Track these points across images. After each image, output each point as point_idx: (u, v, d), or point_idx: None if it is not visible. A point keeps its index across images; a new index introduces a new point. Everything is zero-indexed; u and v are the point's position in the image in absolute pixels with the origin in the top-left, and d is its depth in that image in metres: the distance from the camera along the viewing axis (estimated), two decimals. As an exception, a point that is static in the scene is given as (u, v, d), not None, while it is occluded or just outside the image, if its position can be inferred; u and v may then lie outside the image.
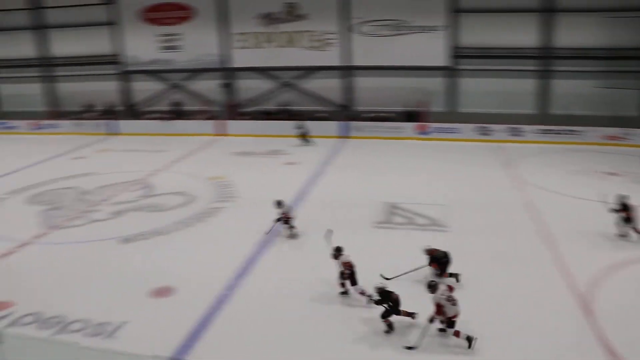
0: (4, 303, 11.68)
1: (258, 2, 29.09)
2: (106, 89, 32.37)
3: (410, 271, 11.75)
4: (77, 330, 10.42)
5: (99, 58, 32.24)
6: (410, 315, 10.05)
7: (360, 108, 28.77)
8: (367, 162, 22.71)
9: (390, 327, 9.95)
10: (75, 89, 33.19)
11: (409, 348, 9.42)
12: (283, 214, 14.63)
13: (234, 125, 29.19)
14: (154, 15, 30.90)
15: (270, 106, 30.06)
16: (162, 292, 11.91)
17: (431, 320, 9.44)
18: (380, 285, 9.98)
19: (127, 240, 14.91)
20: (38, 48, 33.47)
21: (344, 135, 27.41)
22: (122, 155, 25.76)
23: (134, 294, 11.88)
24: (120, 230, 15.59)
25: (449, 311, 9.29)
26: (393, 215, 16.17)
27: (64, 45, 32.98)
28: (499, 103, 26.88)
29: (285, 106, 29.51)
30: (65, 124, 31.84)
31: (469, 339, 9.30)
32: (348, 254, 11.19)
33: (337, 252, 11.26)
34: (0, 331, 7.64)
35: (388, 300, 9.85)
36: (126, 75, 32.29)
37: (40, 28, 33.09)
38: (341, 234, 14.25)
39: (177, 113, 30.91)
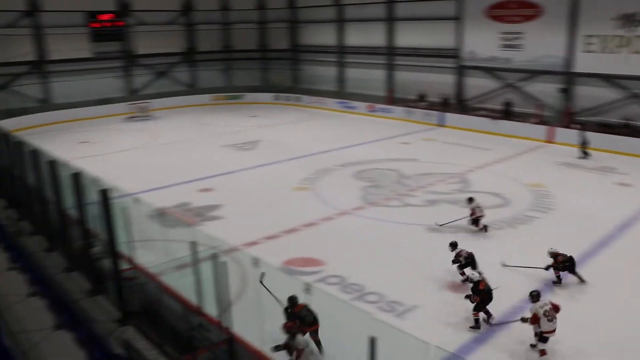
0: (318, 261, 13.06)
1: (618, 1, 26.33)
2: (440, 81, 33.36)
3: (533, 267, 12.16)
4: (372, 302, 11.07)
5: (439, 51, 33.33)
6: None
7: None
8: None
9: (476, 323, 10.20)
10: (412, 78, 35.05)
11: (473, 328, 9.95)
12: (472, 210, 14.94)
13: (564, 133, 27.16)
14: (499, 13, 30.52)
15: (611, 118, 27.24)
16: (457, 287, 11.87)
17: (523, 320, 9.43)
18: (473, 277, 10.42)
19: (435, 229, 15.20)
20: (386, 38, 36.19)
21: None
22: (446, 147, 26.27)
23: (430, 282, 12.12)
24: (431, 219, 15.89)
25: (544, 325, 9.12)
26: None
27: (408, 36, 35.13)
28: None
29: (629, 120, 26.38)
30: (397, 109, 34.06)
31: None
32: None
33: (454, 247, 12.29)
34: (310, 284, 8.48)
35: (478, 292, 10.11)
36: (462, 69, 32.71)
37: (390, 20, 35.76)
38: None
39: (507, 113, 30.20)
